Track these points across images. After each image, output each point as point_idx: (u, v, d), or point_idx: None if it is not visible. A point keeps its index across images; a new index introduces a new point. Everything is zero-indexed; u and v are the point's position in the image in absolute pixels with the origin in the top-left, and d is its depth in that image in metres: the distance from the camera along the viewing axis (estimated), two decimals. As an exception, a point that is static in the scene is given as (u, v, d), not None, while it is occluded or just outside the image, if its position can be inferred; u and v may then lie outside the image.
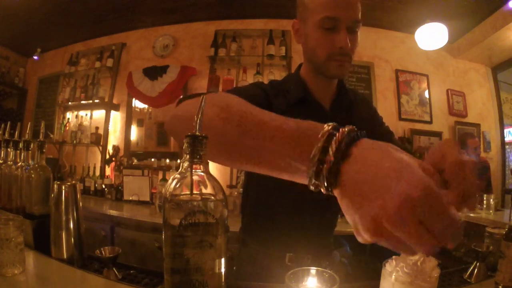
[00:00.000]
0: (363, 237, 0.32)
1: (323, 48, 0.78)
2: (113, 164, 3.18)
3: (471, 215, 2.10)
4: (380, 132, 0.97)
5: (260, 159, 0.41)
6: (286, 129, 0.39)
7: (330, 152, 0.33)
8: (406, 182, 0.28)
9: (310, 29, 0.79)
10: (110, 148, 3.28)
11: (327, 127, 0.36)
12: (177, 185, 0.40)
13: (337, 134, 0.34)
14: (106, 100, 3.32)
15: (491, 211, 2.13)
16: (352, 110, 0.92)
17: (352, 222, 0.33)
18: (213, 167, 1.08)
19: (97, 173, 3.19)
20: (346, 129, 0.35)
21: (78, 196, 0.78)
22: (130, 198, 2.72)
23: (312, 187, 0.36)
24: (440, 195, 0.29)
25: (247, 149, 0.42)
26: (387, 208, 0.28)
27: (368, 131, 0.86)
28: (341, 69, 0.80)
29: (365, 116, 0.94)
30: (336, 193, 0.34)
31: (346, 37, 0.75)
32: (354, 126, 0.35)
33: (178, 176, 0.41)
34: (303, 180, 0.37)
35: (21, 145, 0.95)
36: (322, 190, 0.35)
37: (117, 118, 3.40)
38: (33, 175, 0.90)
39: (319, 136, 0.35)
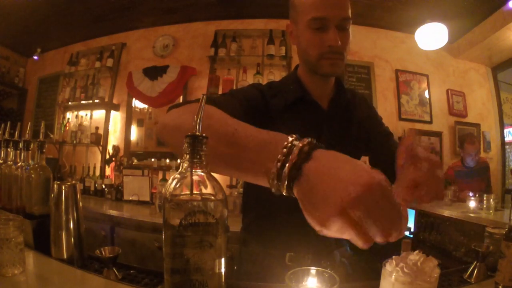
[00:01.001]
0: (324, 231, 0.36)
1: (314, 48, 0.79)
2: (113, 164, 3.18)
3: (471, 215, 2.10)
4: (379, 132, 0.97)
5: (233, 165, 0.47)
6: (256, 138, 0.44)
7: (295, 152, 0.38)
8: (355, 179, 0.34)
9: (301, 30, 0.81)
10: (110, 148, 3.28)
11: (291, 137, 0.41)
12: (177, 185, 0.40)
13: (301, 142, 0.39)
14: (106, 100, 3.32)
15: (491, 211, 2.13)
16: (351, 109, 0.92)
17: (310, 218, 0.37)
18: (213, 167, 1.08)
19: (97, 173, 3.19)
20: (308, 139, 0.40)
21: (78, 196, 0.78)
22: (130, 198, 2.72)
23: (273, 188, 0.40)
24: (386, 192, 0.34)
25: (220, 156, 0.46)
26: (341, 202, 0.34)
27: (366, 131, 0.90)
28: (333, 67, 0.80)
29: (363, 116, 0.94)
30: (296, 190, 0.39)
31: (336, 35, 0.75)
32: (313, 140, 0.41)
33: (178, 176, 0.41)
34: (265, 182, 0.41)
35: (21, 145, 0.95)
36: (282, 189, 0.39)
37: (117, 118, 3.40)
38: (33, 175, 0.90)
39: (285, 142, 0.40)
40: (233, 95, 0.78)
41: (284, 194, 0.40)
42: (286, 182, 0.38)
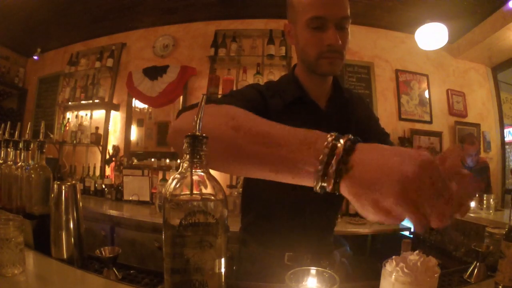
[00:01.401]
0: (392, 213, 0.35)
1: (312, 47, 0.79)
2: (113, 164, 3.18)
3: (471, 215, 2.10)
4: (376, 131, 0.97)
5: (269, 166, 0.44)
6: (294, 135, 0.43)
7: (339, 147, 0.38)
8: (408, 160, 0.34)
9: (299, 30, 0.81)
10: (110, 148, 3.28)
11: (331, 135, 0.40)
12: (177, 185, 0.40)
13: (343, 138, 0.39)
14: (106, 100, 3.32)
15: (491, 211, 2.13)
16: (348, 109, 0.92)
17: (370, 208, 0.36)
18: (213, 167, 1.08)
19: (97, 173, 3.19)
20: (348, 135, 0.40)
21: (78, 196, 0.78)
22: (130, 198, 2.72)
23: (318, 187, 0.39)
24: (438, 170, 0.34)
25: (256, 157, 0.45)
26: (399, 183, 0.33)
27: (365, 131, 0.90)
28: (331, 66, 0.80)
29: (361, 115, 0.94)
30: (344, 185, 0.38)
31: (335, 34, 0.75)
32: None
33: (178, 176, 0.41)
34: (310, 182, 0.40)
35: (21, 145, 0.95)
36: (329, 186, 0.38)
37: (117, 118, 3.40)
38: (33, 175, 0.90)
39: (326, 139, 0.39)
40: (234, 97, 0.78)
41: (329, 191, 0.39)
42: (333, 178, 0.37)
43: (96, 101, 3.29)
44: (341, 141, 0.38)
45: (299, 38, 0.82)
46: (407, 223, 2.48)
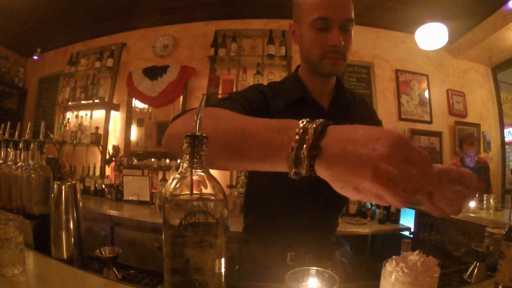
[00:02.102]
0: (367, 190, 0.35)
1: (316, 47, 0.80)
2: (113, 164, 3.18)
3: (471, 215, 2.10)
4: None
5: (247, 158, 0.47)
6: (268, 126, 0.44)
7: (310, 131, 0.38)
8: (378, 137, 0.34)
9: (304, 30, 0.81)
10: (110, 148, 3.28)
11: (302, 121, 0.40)
12: (177, 185, 0.40)
13: (315, 121, 0.39)
14: (106, 100, 3.32)
15: (491, 211, 2.13)
16: (351, 110, 0.92)
17: (348, 185, 0.37)
18: (213, 167, 1.09)
19: (97, 173, 3.19)
20: (319, 120, 0.40)
21: (78, 196, 0.78)
22: (130, 198, 2.72)
23: (292, 172, 0.40)
24: (411, 144, 0.35)
25: (234, 151, 0.47)
26: (379, 154, 0.33)
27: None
28: (334, 67, 0.81)
29: (363, 116, 0.95)
30: (318, 167, 0.38)
31: (339, 35, 0.76)
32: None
33: (178, 176, 0.41)
34: (284, 167, 0.41)
35: (21, 145, 0.95)
36: (303, 171, 0.39)
37: (117, 118, 3.40)
38: (33, 175, 0.90)
39: (298, 125, 0.40)
40: (234, 99, 0.78)
41: (304, 174, 0.39)
42: (306, 162, 0.38)
43: (96, 101, 3.29)
44: (313, 125, 0.39)
45: (304, 38, 0.82)
46: (407, 223, 2.48)
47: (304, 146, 0.38)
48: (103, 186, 3.01)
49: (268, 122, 0.45)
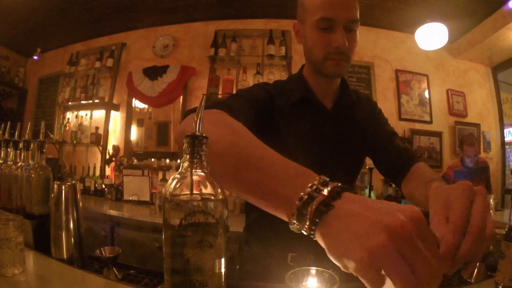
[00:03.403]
0: (355, 269, 0.33)
1: (320, 48, 0.79)
2: (113, 164, 3.18)
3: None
4: (384, 132, 0.96)
5: (251, 188, 0.44)
6: (285, 168, 0.41)
7: (324, 191, 0.35)
8: (393, 215, 0.31)
9: (308, 30, 0.81)
10: (110, 148, 3.28)
11: (319, 177, 0.37)
12: (177, 185, 0.40)
13: (330, 183, 0.36)
14: (106, 100, 3.32)
15: (491, 211, 2.13)
16: (354, 110, 0.92)
17: (337, 257, 0.34)
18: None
19: (97, 173, 3.19)
20: (337, 183, 0.36)
21: (78, 196, 0.78)
22: (130, 198, 2.72)
23: (292, 224, 0.37)
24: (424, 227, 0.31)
25: (244, 178, 0.44)
26: (374, 244, 0.30)
27: (371, 132, 0.90)
28: (337, 68, 0.81)
29: (368, 117, 0.95)
30: (319, 231, 0.35)
31: (343, 36, 0.76)
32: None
33: (178, 176, 0.41)
34: (284, 217, 0.39)
35: (21, 145, 0.95)
36: (304, 229, 0.36)
37: (117, 118, 3.40)
38: (33, 175, 0.90)
39: (316, 178, 0.37)
40: (243, 96, 0.77)
41: (304, 233, 0.36)
42: (310, 217, 0.35)
43: (96, 101, 3.30)
44: (332, 184, 0.36)
45: (307, 38, 0.82)
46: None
47: (314, 201, 0.35)
48: (103, 186, 3.01)
49: (287, 163, 0.42)
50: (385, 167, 0.94)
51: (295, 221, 0.36)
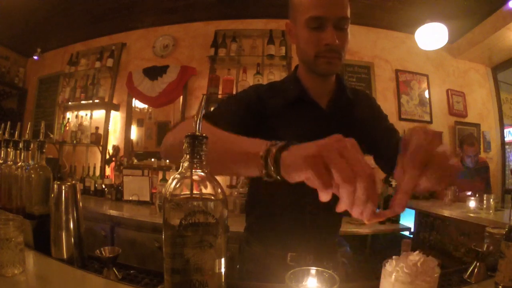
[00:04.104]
0: (313, 182, 0.43)
1: (311, 47, 0.79)
2: (113, 164, 3.18)
3: (471, 215, 2.10)
4: (382, 129, 0.96)
5: (227, 164, 0.59)
6: (246, 140, 0.56)
7: (273, 150, 0.48)
8: (318, 142, 0.44)
9: (299, 29, 0.81)
10: (110, 148, 3.28)
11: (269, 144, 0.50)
12: (177, 185, 0.40)
13: (277, 144, 0.49)
14: (106, 100, 3.32)
15: (491, 211, 2.13)
16: (351, 109, 0.91)
17: (297, 172, 0.45)
18: (213, 167, 1.09)
19: (97, 173, 3.19)
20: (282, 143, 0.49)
21: (78, 196, 0.78)
22: (130, 198, 2.72)
23: (264, 175, 0.49)
24: (354, 145, 0.43)
25: (218, 162, 0.56)
26: (320, 147, 0.43)
27: (369, 130, 0.92)
28: (329, 66, 0.80)
29: (365, 115, 0.94)
30: (282, 169, 0.47)
31: (333, 34, 0.76)
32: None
33: (178, 176, 0.41)
34: (257, 173, 0.51)
35: (21, 145, 0.95)
36: (271, 173, 0.48)
37: (117, 118, 3.40)
38: (33, 175, 0.90)
39: (268, 143, 0.50)
40: (229, 104, 0.83)
41: (273, 174, 0.48)
42: (272, 162, 0.47)
43: (96, 101, 3.29)
44: (275, 147, 0.48)
45: (299, 37, 0.82)
46: (407, 223, 2.48)
47: (269, 158, 0.48)
48: (103, 186, 3.01)
49: (245, 138, 0.57)
50: (385, 162, 0.94)
51: (264, 170, 0.49)
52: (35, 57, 3.75)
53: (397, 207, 0.44)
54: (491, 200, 2.15)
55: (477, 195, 2.28)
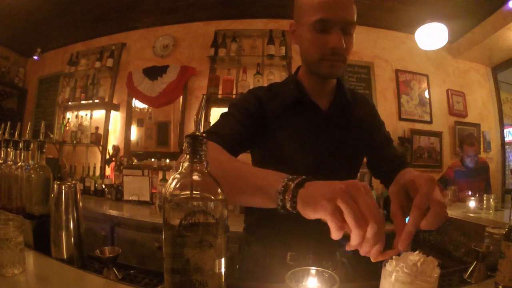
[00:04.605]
0: (323, 209, 0.46)
1: (316, 49, 0.79)
2: (113, 164, 3.18)
3: (471, 215, 2.10)
4: (379, 136, 0.97)
5: (243, 198, 0.61)
6: (258, 177, 0.58)
7: (291, 186, 0.51)
8: (345, 182, 0.47)
9: (304, 31, 0.81)
10: (110, 148, 3.28)
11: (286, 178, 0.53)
12: (177, 185, 0.40)
13: (297, 178, 0.52)
14: (106, 100, 3.32)
15: (491, 211, 2.13)
16: (350, 111, 0.92)
17: (312, 211, 0.48)
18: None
19: (97, 173, 3.19)
20: (301, 177, 0.52)
21: (78, 196, 0.78)
22: (130, 198, 2.72)
23: (280, 208, 0.52)
24: (367, 190, 0.46)
25: (235, 193, 0.58)
26: (336, 190, 0.46)
27: (367, 133, 0.93)
28: (333, 69, 0.80)
29: (363, 118, 0.94)
30: (298, 207, 0.50)
31: (340, 37, 0.76)
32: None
33: (178, 176, 0.41)
34: (272, 205, 0.54)
35: (21, 145, 0.95)
36: (288, 208, 0.51)
37: (117, 118, 3.40)
38: (33, 175, 0.90)
39: (285, 178, 0.53)
40: (232, 114, 0.84)
41: (288, 208, 0.51)
42: (289, 198, 0.50)
43: (96, 101, 3.30)
44: (293, 183, 0.51)
45: (304, 38, 0.82)
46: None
47: (286, 195, 0.51)
48: (103, 186, 3.01)
49: (261, 171, 0.60)
50: (377, 171, 0.95)
51: (280, 203, 0.51)
52: (35, 57, 3.75)
53: (401, 246, 0.49)
54: (491, 200, 2.15)
55: (477, 195, 2.28)
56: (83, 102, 3.36)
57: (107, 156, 3.21)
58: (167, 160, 2.98)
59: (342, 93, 0.91)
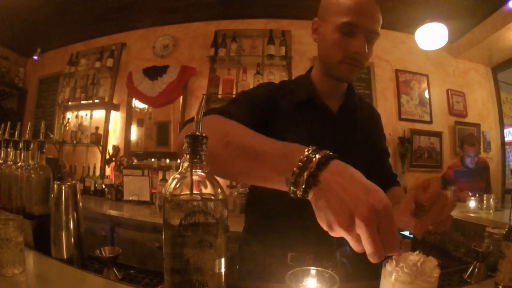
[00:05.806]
0: (336, 231, 0.41)
1: (338, 50, 0.79)
2: (113, 164, 3.18)
3: (471, 215, 2.10)
4: (379, 147, 0.99)
5: (249, 175, 0.54)
6: (274, 150, 0.49)
7: (313, 161, 0.42)
8: (373, 197, 0.39)
9: (328, 30, 0.80)
10: (110, 148, 3.28)
11: (307, 149, 0.45)
12: (177, 185, 0.40)
13: (319, 152, 0.44)
14: (106, 100, 3.32)
15: (491, 211, 2.13)
16: (358, 115, 0.93)
17: (325, 219, 0.42)
18: (213, 167, 1.09)
19: (97, 173, 3.19)
20: (325, 151, 0.44)
21: (78, 196, 0.78)
22: (130, 198, 2.72)
23: (290, 192, 0.45)
24: (389, 216, 0.39)
25: (241, 168, 0.53)
26: (361, 210, 0.38)
27: (372, 138, 0.93)
28: (350, 73, 0.81)
29: (370, 123, 0.96)
30: (311, 194, 0.43)
31: (364, 43, 0.77)
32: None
33: (178, 176, 0.41)
34: (283, 188, 0.47)
35: (21, 145, 0.95)
36: (299, 192, 0.44)
37: (117, 118, 3.40)
38: (33, 175, 0.90)
39: (302, 155, 0.44)
40: (242, 102, 0.81)
41: (299, 196, 0.45)
42: (303, 187, 0.43)
43: (96, 101, 3.29)
44: (318, 156, 0.43)
45: (327, 38, 0.81)
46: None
47: (305, 173, 0.42)
48: (103, 186, 3.01)
49: (275, 144, 0.50)
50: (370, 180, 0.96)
51: (291, 191, 0.45)
52: (35, 57, 3.75)
53: (417, 232, 0.53)
54: (491, 200, 2.15)
55: (477, 195, 2.28)
56: (83, 102, 3.36)
57: (107, 156, 3.21)
58: (167, 160, 2.98)
59: (352, 97, 0.92)
